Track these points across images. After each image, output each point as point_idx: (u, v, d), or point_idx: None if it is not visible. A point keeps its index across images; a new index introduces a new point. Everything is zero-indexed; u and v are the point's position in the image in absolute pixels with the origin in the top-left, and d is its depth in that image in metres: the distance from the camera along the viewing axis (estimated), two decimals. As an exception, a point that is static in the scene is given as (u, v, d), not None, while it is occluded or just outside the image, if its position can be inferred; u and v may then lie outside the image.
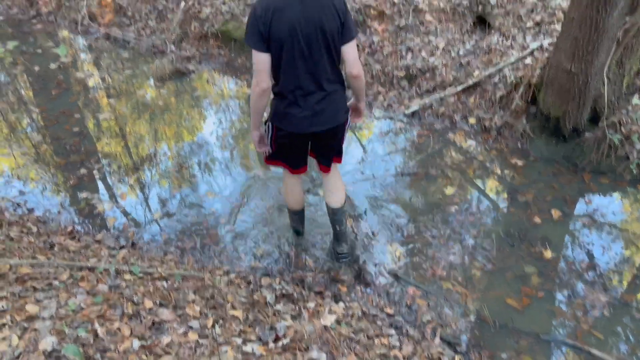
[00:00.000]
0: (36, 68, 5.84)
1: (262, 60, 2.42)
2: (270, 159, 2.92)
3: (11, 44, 3.05)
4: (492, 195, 3.83)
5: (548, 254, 3.24)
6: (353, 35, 2.47)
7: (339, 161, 2.99)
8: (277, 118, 2.63)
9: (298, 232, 3.43)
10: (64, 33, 6.87)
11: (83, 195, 3.87)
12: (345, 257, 3.23)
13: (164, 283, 2.65)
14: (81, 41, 6.74)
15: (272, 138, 2.75)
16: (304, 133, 2.65)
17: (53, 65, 5.94)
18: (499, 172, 4.03)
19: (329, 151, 2.88)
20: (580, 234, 3.44)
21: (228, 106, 5.08)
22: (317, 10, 2.36)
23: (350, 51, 2.48)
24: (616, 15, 3.39)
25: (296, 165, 2.96)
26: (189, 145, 4.42)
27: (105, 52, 6.40)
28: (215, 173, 4.06)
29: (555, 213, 3.56)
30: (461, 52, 5.02)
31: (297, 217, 3.34)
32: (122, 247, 3.30)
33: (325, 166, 2.96)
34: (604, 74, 3.82)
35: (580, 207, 3.66)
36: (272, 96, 2.63)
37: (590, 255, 3.26)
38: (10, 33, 6.95)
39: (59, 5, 7.37)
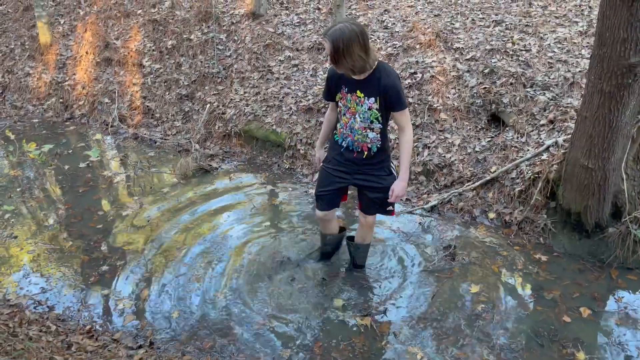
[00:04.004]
0: (66, 167, 6.09)
1: None
2: None
3: (46, 147, 3.24)
4: (518, 292, 3.73)
5: (581, 355, 3.09)
6: None
7: None
8: None
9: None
10: (95, 135, 7.23)
11: (104, 292, 3.87)
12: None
13: (182, 386, 2.57)
14: (110, 141, 7.07)
15: None
16: None
17: (82, 164, 6.19)
18: (523, 268, 3.95)
19: None
20: (613, 333, 3.29)
21: (248, 202, 5.16)
22: None
23: None
24: (629, 114, 3.48)
25: None
26: (210, 243, 4.45)
27: (133, 151, 6.68)
28: (234, 271, 4.04)
29: (585, 311, 3.44)
30: (477, 149, 5.13)
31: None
32: (139, 347, 3.23)
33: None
34: (622, 170, 3.85)
35: (610, 305, 3.54)
36: None
37: (626, 356, 3.10)
38: (44, 135, 7.34)
39: (92, 109, 7.83)
